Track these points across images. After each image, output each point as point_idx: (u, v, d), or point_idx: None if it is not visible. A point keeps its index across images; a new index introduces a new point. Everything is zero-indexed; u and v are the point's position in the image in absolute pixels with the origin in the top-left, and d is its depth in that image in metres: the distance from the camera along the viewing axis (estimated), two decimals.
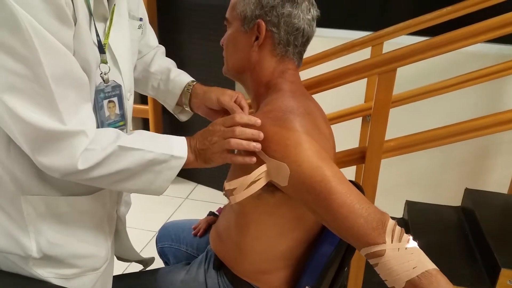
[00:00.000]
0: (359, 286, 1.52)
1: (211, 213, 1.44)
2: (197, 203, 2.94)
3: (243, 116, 0.89)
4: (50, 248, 0.92)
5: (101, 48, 0.87)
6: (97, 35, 0.86)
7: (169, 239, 1.43)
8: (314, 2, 1.00)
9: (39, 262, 0.93)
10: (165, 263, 1.47)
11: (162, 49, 1.30)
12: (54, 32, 0.72)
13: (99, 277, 1.01)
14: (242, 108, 1.03)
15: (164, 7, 2.84)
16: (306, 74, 1.47)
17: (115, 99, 0.93)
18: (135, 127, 3.28)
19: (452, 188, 2.39)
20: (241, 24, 0.98)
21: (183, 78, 1.17)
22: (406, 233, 0.78)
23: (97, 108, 0.90)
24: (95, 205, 0.97)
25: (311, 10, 0.98)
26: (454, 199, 2.21)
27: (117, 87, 0.93)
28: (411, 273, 0.72)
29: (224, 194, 0.95)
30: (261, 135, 0.87)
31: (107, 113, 0.93)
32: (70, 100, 0.77)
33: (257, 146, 0.86)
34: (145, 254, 1.30)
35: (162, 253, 1.46)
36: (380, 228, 0.76)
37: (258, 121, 0.88)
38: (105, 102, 0.91)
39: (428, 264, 0.73)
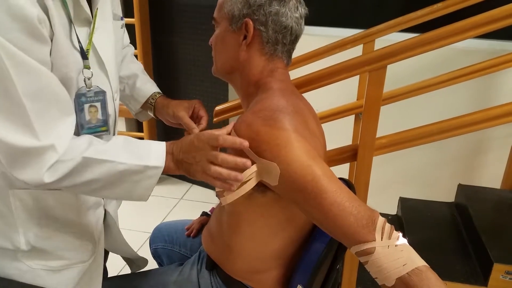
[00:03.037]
0: (353, 284, 1.52)
1: (204, 213, 1.44)
2: (192, 204, 2.94)
3: (227, 139, 0.84)
4: (38, 240, 0.94)
5: (84, 54, 0.88)
6: (79, 41, 0.86)
7: (162, 240, 1.43)
8: (301, 0, 0.99)
9: (28, 254, 0.95)
10: (159, 264, 1.47)
11: (132, 50, 1.31)
12: (27, 49, 0.74)
13: (86, 269, 1.03)
14: (200, 118, 1.04)
15: (157, 8, 2.84)
16: (299, 73, 1.47)
17: (97, 104, 0.93)
18: (129, 128, 3.27)
19: (445, 184, 2.40)
20: (229, 23, 0.98)
21: (148, 87, 1.21)
22: (400, 229, 0.79)
23: (77, 111, 0.90)
24: (81, 199, 0.99)
25: (299, 8, 0.97)
26: (447, 195, 2.21)
27: (101, 93, 0.93)
28: (401, 270, 0.72)
29: (216, 195, 0.95)
30: (248, 163, 0.83)
31: (87, 117, 0.93)
32: (46, 115, 0.78)
33: (238, 177, 0.83)
34: (140, 255, 1.30)
35: (155, 255, 1.46)
36: (370, 226, 0.76)
37: (244, 144, 0.84)
38: (86, 106, 0.92)
39: (418, 261, 0.73)
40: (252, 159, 0.87)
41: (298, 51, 1.06)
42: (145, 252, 1.46)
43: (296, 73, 1.47)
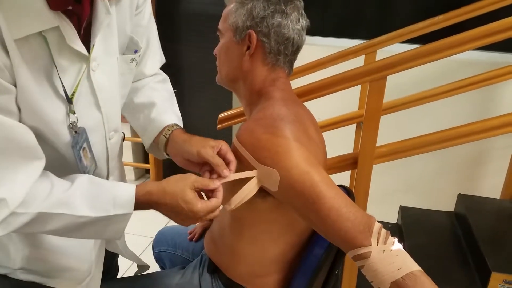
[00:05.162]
0: None
1: None
2: None
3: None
4: (31, 263, 0.93)
5: (68, 99, 0.81)
6: (63, 85, 0.79)
7: (165, 244, 1.45)
8: (303, 13, 1.02)
9: (22, 272, 0.94)
10: (161, 268, 1.48)
11: (158, 78, 1.19)
12: None
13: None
14: (228, 163, 0.92)
15: (163, 16, 2.88)
16: (302, 82, 1.50)
17: (85, 144, 0.88)
18: (136, 159, 3.26)
19: (445, 193, 2.41)
20: (233, 34, 1.01)
21: (164, 118, 1.07)
22: (400, 238, 0.81)
23: (78, 161, 0.87)
24: None
25: (301, 20, 1.00)
26: (447, 204, 2.23)
27: (83, 131, 0.87)
28: (395, 274, 0.74)
29: None
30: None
31: (85, 163, 0.89)
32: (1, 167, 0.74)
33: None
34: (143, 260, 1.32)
35: (158, 258, 1.48)
36: (367, 231, 0.78)
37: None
38: (81, 152, 0.87)
39: (412, 266, 0.75)
40: (253, 166, 0.90)
41: (301, 60, 1.09)
42: (148, 256, 1.48)
43: (299, 82, 1.50)
